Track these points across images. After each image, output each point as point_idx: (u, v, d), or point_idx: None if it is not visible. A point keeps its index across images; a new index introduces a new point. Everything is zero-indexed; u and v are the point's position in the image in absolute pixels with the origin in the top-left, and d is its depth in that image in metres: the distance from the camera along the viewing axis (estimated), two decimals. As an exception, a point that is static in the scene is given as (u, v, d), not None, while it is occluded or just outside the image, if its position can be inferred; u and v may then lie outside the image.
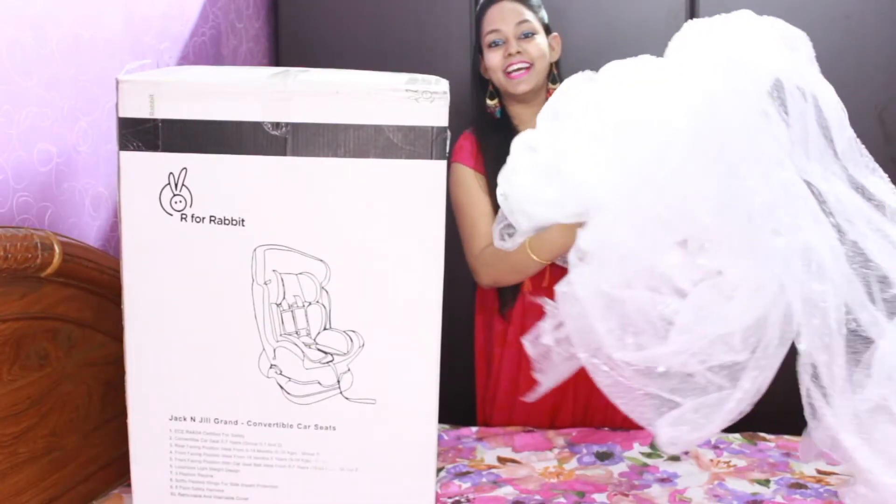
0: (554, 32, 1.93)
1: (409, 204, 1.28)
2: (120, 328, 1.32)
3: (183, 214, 1.29)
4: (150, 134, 1.26)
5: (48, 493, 1.47)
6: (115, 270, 1.43)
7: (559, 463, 1.68)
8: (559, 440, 1.77)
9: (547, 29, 1.91)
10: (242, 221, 1.29)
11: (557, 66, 1.94)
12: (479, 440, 1.79)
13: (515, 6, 1.88)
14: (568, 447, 1.74)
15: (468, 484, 1.59)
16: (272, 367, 1.32)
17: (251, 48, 2.42)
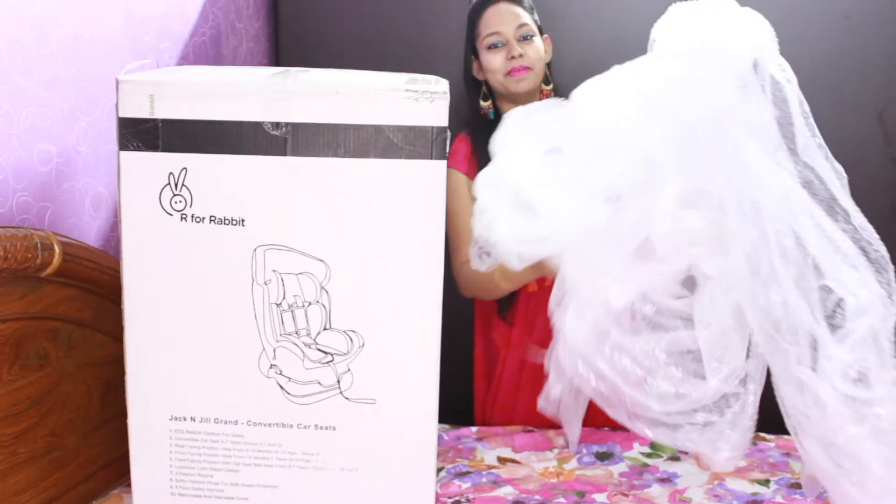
0: (545, 34, 1.93)
1: (409, 204, 1.28)
2: (120, 328, 1.32)
3: (183, 214, 1.29)
4: (150, 134, 1.26)
5: (48, 493, 1.47)
6: (115, 270, 1.43)
7: (559, 463, 1.68)
8: (559, 440, 1.77)
9: (540, 30, 1.92)
10: (242, 221, 1.29)
11: (549, 67, 1.95)
12: (479, 440, 1.79)
13: (513, 8, 1.88)
14: (568, 447, 1.74)
15: (468, 484, 1.59)
16: (272, 367, 1.33)
17: (251, 48, 2.42)
